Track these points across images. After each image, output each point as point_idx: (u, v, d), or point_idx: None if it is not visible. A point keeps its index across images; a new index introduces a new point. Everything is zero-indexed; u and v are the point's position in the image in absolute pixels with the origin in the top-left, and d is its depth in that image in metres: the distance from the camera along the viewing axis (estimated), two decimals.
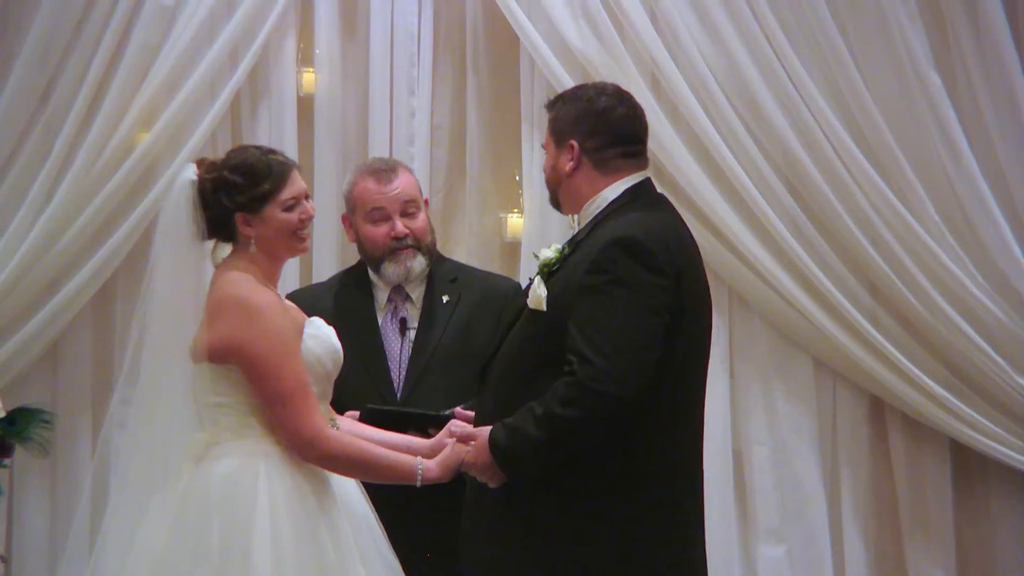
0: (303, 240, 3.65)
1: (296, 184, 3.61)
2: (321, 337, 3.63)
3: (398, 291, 4.38)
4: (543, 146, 3.71)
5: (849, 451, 5.28)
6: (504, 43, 5.37)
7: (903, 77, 5.14)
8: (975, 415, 5.12)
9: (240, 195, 3.55)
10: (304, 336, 3.58)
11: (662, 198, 3.69)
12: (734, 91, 5.20)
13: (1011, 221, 5.13)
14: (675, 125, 5.21)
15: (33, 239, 5.09)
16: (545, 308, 3.48)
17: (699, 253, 3.65)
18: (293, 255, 3.76)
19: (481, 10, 5.39)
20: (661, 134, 5.16)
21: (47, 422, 4.68)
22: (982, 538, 5.26)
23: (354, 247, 4.48)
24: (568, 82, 5.16)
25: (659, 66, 5.19)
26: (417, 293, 4.38)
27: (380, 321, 4.38)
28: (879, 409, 5.29)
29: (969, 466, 5.25)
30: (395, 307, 4.38)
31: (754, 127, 5.21)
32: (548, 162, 3.66)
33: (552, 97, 3.77)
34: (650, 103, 5.16)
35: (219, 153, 5.16)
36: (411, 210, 4.33)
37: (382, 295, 4.39)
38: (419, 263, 4.33)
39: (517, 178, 5.33)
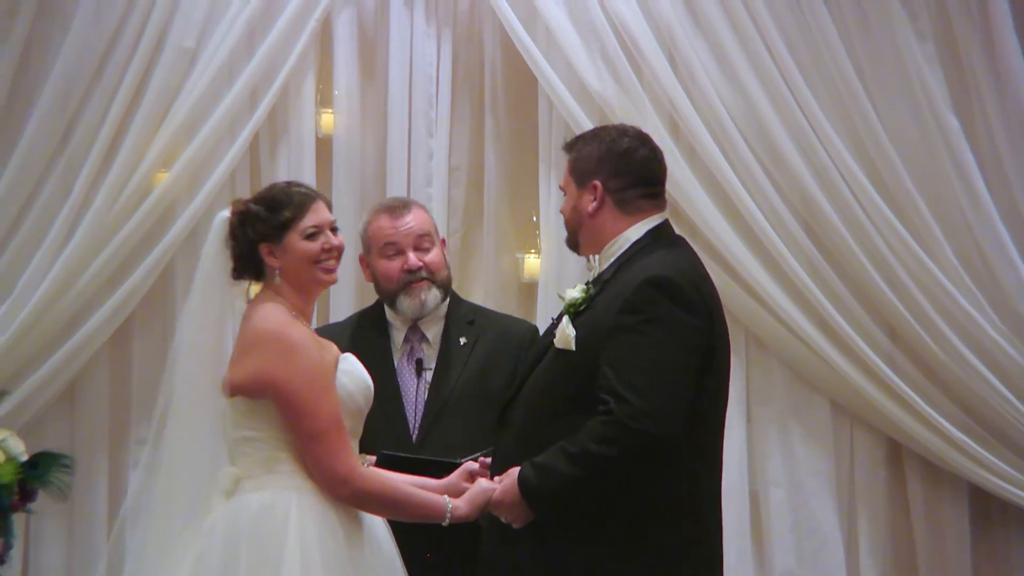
0: (328, 271, 3.66)
1: (319, 214, 3.63)
2: (354, 373, 3.64)
3: (414, 331, 4.39)
4: (561, 187, 3.73)
5: (866, 494, 5.26)
6: (522, 84, 5.39)
7: (921, 119, 5.14)
8: (994, 459, 5.09)
9: (261, 224, 3.58)
10: (338, 372, 3.59)
11: (681, 239, 3.74)
12: (752, 133, 5.21)
13: None
14: (692, 166, 5.22)
15: (52, 278, 5.11)
16: (574, 347, 3.50)
17: (716, 294, 3.66)
18: (319, 287, 3.73)
19: (500, 51, 5.41)
20: (678, 175, 5.17)
21: (67, 467, 4.69)
22: None
23: (371, 289, 4.50)
24: (586, 123, 5.18)
25: (677, 107, 5.20)
26: (433, 333, 4.39)
27: (396, 362, 4.38)
28: (897, 452, 5.27)
29: (988, 510, 5.23)
30: (411, 348, 4.38)
31: (771, 168, 5.21)
32: (568, 203, 3.67)
33: (570, 138, 3.80)
34: (668, 144, 5.17)
35: (238, 194, 5.21)
36: (425, 244, 4.34)
37: (398, 335, 4.40)
38: (433, 297, 4.33)
39: (535, 219, 5.33)
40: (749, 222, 5.18)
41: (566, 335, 3.52)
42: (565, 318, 3.56)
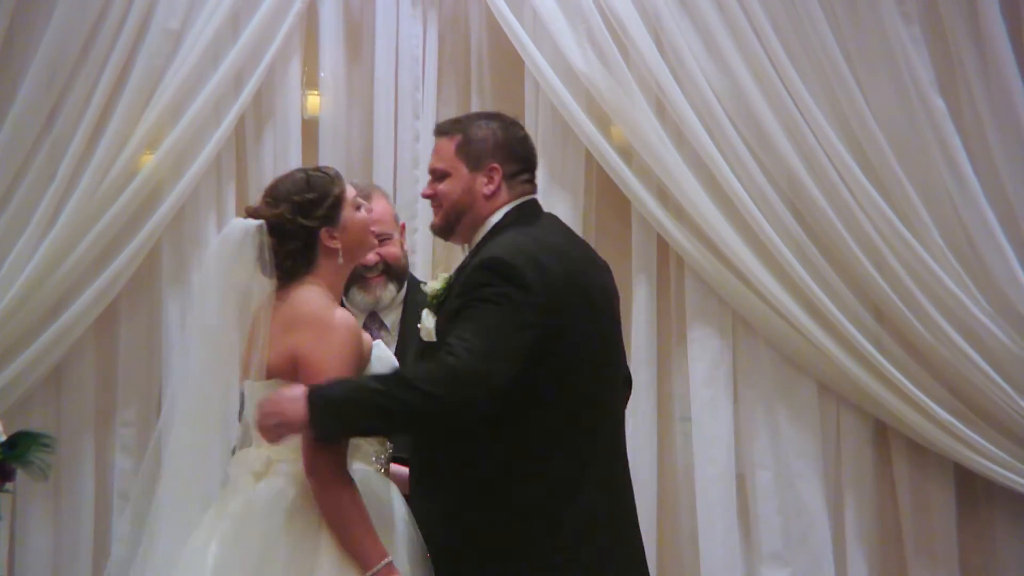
0: (375, 236, 3.73)
1: (348, 185, 3.66)
2: (385, 359, 3.63)
3: (373, 319, 4.39)
4: (439, 168, 3.67)
5: (853, 475, 5.27)
6: (509, 66, 5.39)
7: (907, 101, 5.14)
8: (979, 439, 5.10)
9: (319, 209, 3.55)
10: (372, 359, 3.58)
11: (545, 215, 3.72)
12: (738, 115, 5.21)
13: (1015, 245, 5.13)
14: (679, 148, 5.21)
15: (37, 261, 5.10)
16: (435, 339, 3.52)
17: (596, 268, 3.69)
18: (370, 252, 3.80)
19: (486, 33, 5.40)
20: (666, 157, 5.17)
21: (47, 446, 4.68)
22: (986, 563, 5.24)
23: None
24: (573, 106, 5.18)
25: (664, 90, 5.20)
26: (392, 319, 4.39)
27: None
28: (883, 433, 5.28)
29: (973, 490, 5.24)
30: (369, 334, 4.37)
31: (758, 151, 5.21)
32: (456, 184, 3.64)
33: (446, 122, 3.77)
34: (655, 126, 5.18)
35: (223, 176, 5.21)
36: (383, 238, 4.31)
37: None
38: (389, 292, 4.35)
39: None
40: (736, 204, 5.18)
41: (427, 327, 3.56)
42: (426, 311, 3.59)
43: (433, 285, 3.61)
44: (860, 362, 5.15)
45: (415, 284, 4.46)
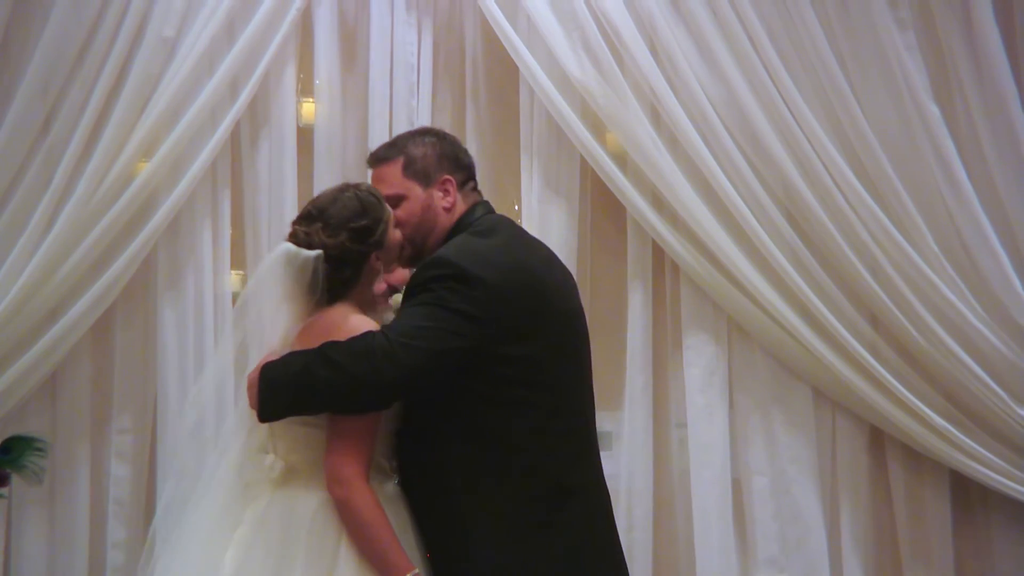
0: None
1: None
2: None
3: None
4: (388, 196, 3.66)
5: (849, 481, 5.27)
6: (504, 74, 5.39)
7: (902, 108, 5.15)
8: (975, 446, 5.10)
9: (372, 235, 3.57)
10: None
11: (494, 220, 3.73)
12: (733, 122, 5.21)
13: (1010, 252, 5.13)
14: (674, 155, 5.22)
15: (33, 268, 5.09)
16: None
17: (551, 269, 3.70)
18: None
19: (481, 41, 5.41)
20: (660, 164, 5.18)
21: (41, 450, 4.68)
22: (983, 569, 5.24)
23: None
24: (568, 113, 5.18)
25: (658, 97, 5.20)
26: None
27: None
28: (879, 439, 5.28)
29: (969, 497, 5.24)
30: None
31: (753, 157, 5.22)
32: (414, 206, 3.67)
33: (379, 149, 3.79)
34: (649, 133, 5.19)
35: (219, 183, 5.21)
36: None
37: None
38: (395, 299, 4.35)
39: (516, 208, 5.33)
40: (731, 211, 5.19)
41: None
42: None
43: (397, 298, 3.67)
44: (855, 368, 5.15)
45: None
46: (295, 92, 5.38)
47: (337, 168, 5.34)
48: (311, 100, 5.38)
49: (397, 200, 3.67)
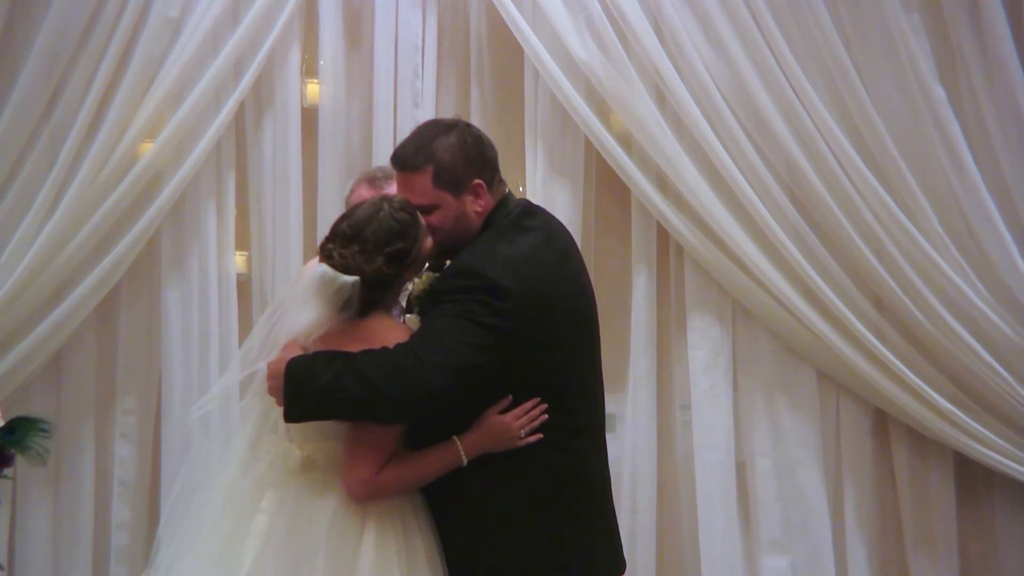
0: None
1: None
2: None
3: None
4: (420, 205, 3.56)
5: (853, 463, 5.27)
6: (508, 55, 5.38)
7: (907, 89, 5.13)
8: (979, 428, 5.10)
9: (408, 257, 3.51)
10: None
11: (520, 214, 3.66)
12: (738, 103, 5.20)
13: (1015, 234, 5.12)
14: (679, 137, 5.21)
15: (37, 250, 5.10)
16: None
17: (568, 263, 3.66)
18: None
19: (485, 22, 5.40)
20: (665, 146, 5.17)
21: (45, 431, 4.68)
22: (986, 551, 5.25)
23: None
24: (572, 94, 5.17)
25: (663, 77, 5.19)
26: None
27: None
28: (883, 421, 5.28)
29: (973, 479, 5.24)
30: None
31: (758, 139, 5.21)
32: (447, 215, 3.57)
33: (407, 155, 3.62)
34: (654, 114, 5.18)
35: (223, 165, 5.21)
36: None
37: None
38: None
39: (521, 189, 5.33)
40: (736, 192, 5.18)
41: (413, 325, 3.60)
42: (409, 316, 3.63)
43: (417, 284, 3.63)
44: (860, 350, 5.15)
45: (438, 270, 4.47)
46: (299, 73, 5.38)
47: (341, 149, 5.35)
48: (315, 81, 5.38)
49: (430, 209, 3.57)
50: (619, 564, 3.71)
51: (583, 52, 5.21)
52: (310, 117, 5.37)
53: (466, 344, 3.38)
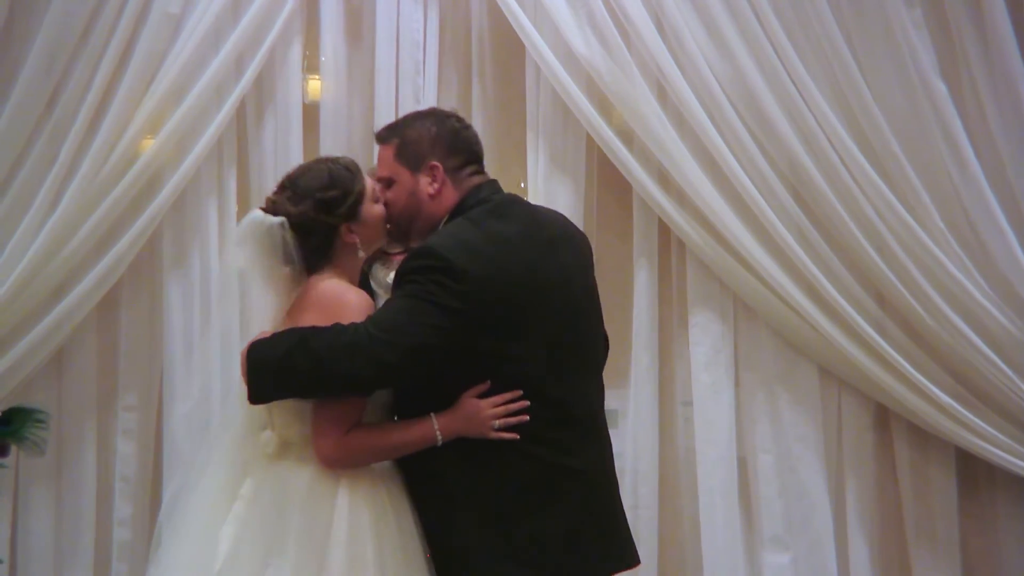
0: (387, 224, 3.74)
1: (365, 176, 3.70)
2: None
3: None
4: (382, 177, 3.70)
5: (854, 459, 5.27)
6: (510, 51, 5.38)
7: (908, 85, 5.12)
8: (981, 423, 5.10)
9: (341, 206, 3.59)
10: None
11: (495, 200, 3.70)
12: (739, 98, 5.20)
13: (1016, 229, 5.12)
14: (680, 132, 5.21)
15: (38, 246, 5.10)
16: None
17: (553, 248, 3.67)
18: (380, 245, 3.83)
19: (487, 18, 5.40)
20: (666, 142, 5.17)
21: (42, 421, 4.68)
22: (988, 547, 5.24)
23: None
24: (573, 89, 5.17)
25: (665, 74, 5.19)
26: None
27: None
28: (884, 417, 5.28)
29: (975, 474, 5.24)
30: None
31: (759, 135, 5.20)
32: (401, 191, 3.67)
33: (382, 129, 3.79)
34: (656, 110, 5.17)
35: (224, 161, 5.21)
36: None
37: (380, 302, 4.40)
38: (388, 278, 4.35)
39: (523, 185, 5.33)
40: (737, 188, 5.18)
41: None
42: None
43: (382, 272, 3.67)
44: (861, 346, 5.15)
45: None
46: (301, 69, 5.38)
47: (343, 145, 5.34)
48: (317, 77, 5.39)
49: (388, 183, 3.70)
50: (620, 557, 3.70)
51: (584, 48, 5.21)
52: (311, 113, 5.38)
53: (419, 324, 3.42)
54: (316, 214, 3.58)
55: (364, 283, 4.45)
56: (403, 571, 3.49)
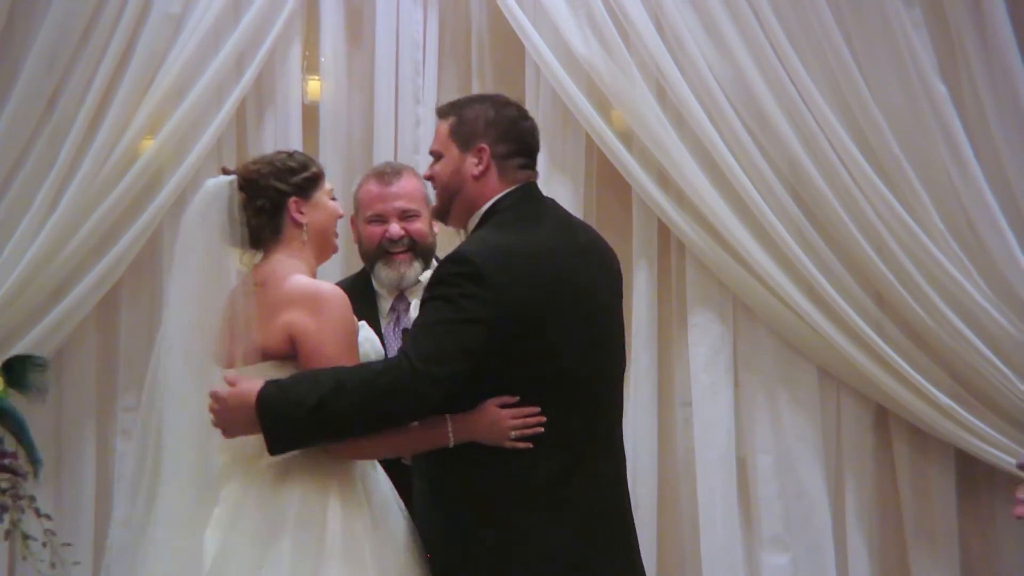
0: (336, 237, 3.71)
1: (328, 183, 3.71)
2: (373, 341, 3.67)
3: (401, 300, 4.39)
4: (434, 151, 3.70)
5: (853, 460, 5.27)
6: (509, 51, 5.38)
7: (908, 85, 5.12)
8: (980, 424, 5.09)
9: (294, 176, 3.59)
10: (361, 339, 3.59)
11: (536, 207, 3.68)
12: (739, 99, 5.20)
13: (1016, 230, 5.11)
14: (680, 133, 5.21)
15: (38, 246, 5.11)
16: None
17: (585, 260, 3.65)
18: (328, 254, 3.75)
19: (486, 18, 5.40)
20: (666, 142, 5.17)
21: (41, 366, 4.70)
22: (987, 548, 5.24)
23: (357, 256, 4.51)
24: (573, 90, 5.18)
25: (664, 74, 5.19)
26: (419, 302, 4.39)
27: (383, 329, 4.38)
28: (884, 418, 5.28)
29: (974, 475, 5.23)
30: (397, 316, 4.38)
31: (759, 135, 5.20)
32: (447, 166, 3.65)
33: (445, 104, 3.78)
34: (655, 111, 5.17)
35: (224, 161, 5.21)
36: (410, 214, 4.35)
37: (384, 304, 4.41)
38: (414, 270, 4.34)
39: None
40: (737, 188, 5.18)
41: (411, 318, 3.60)
42: (415, 300, 3.65)
43: (426, 274, 3.64)
44: (861, 347, 5.15)
45: None
46: (301, 69, 5.38)
47: (343, 146, 5.36)
48: (317, 78, 5.39)
49: (437, 156, 3.68)
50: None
51: (584, 48, 5.21)
52: (311, 114, 5.38)
53: (459, 347, 3.39)
54: (266, 178, 3.58)
55: (366, 283, 4.44)
56: (401, 567, 3.48)
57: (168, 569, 3.44)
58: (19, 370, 4.61)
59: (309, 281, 3.54)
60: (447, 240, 5.12)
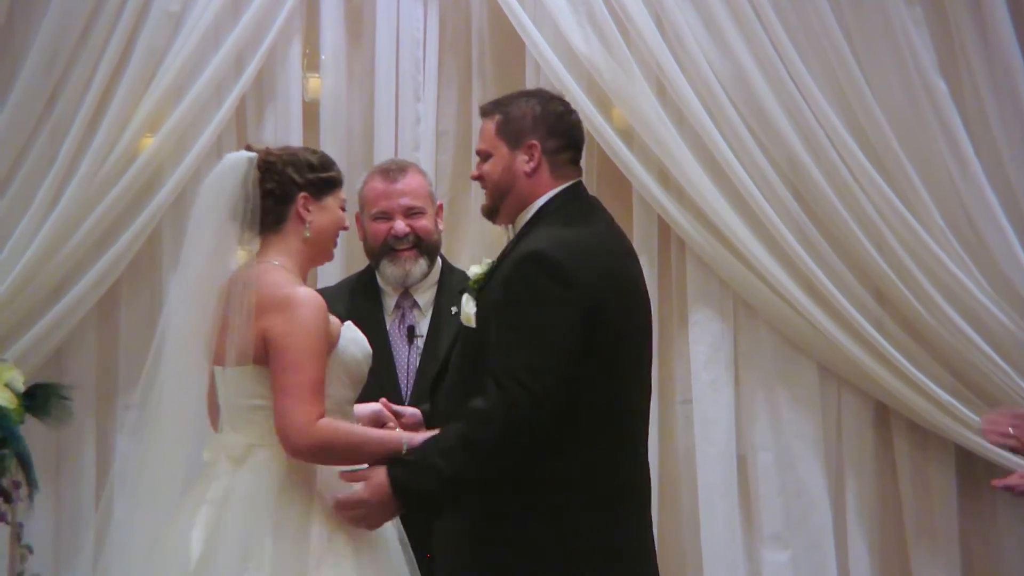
0: (335, 246, 3.68)
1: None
2: (359, 341, 3.61)
3: (406, 297, 4.39)
4: (482, 150, 3.65)
5: (854, 457, 5.28)
6: (510, 49, 5.38)
7: (908, 82, 5.13)
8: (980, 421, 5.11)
9: (311, 172, 3.55)
10: (345, 341, 3.55)
11: (588, 206, 3.67)
12: (739, 96, 5.20)
13: (1016, 227, 5.12)
14: (680, 130, 5.21)
15: (38, 244, 5.10)
16: (475, 325, 3.50)
17: (632, 261, 3.65)
18: (322, 261, 3.73)
19: (487, 16, 5.39)
20: (667, 139, 5.17)
21: (66, 397, 4.70)
22: (988, 545, 5.25)
23: (361, 255, 4.51)
24: (574, 88, 5.16)
25: (664, 72, 5.19)
26: (425, 300, 4.40)
27: (388, 327, 4.38)
28: (884, 415, 5.28)
29: (975, 472, 5.24)
30: (403, 314, 4.39)
31: (759, 132, 5.21)
32: (497, 164, 3.61)
33: (488, 103, 3.75)
34: (656, 108, 5.18)
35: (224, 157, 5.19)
36: (415, 211, 4.34)
37: (390, 301, 4.41)
38: (419, 267, 4.34)
39: None
40: (737, 186, 5.18)
41: (467, 312, 3.53)
42: (466, 295, 3.56)
43: (475, 269, 3.58)
44: (861, 344, 5.15)
45: (449, 266, 4.48)
46: (301, 67, 5.37)
47: (343, 143, 5.35)
48: (317, 75, 5.39)
49: (485, 156, 3.64)
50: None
51: (584, 46, 5.20)
52: (311, 111, 5.37)
53: (557, 347, 3.36)
54: (285, 164, 3.53)
55: (371, 280, 4.44)
56: (388, 568, 3.48)
57: (155, 568, 3.43)
58: (42, 397, 4.61)
59: (284, 285, 3.47)
60: (450, 238, 5.19)
